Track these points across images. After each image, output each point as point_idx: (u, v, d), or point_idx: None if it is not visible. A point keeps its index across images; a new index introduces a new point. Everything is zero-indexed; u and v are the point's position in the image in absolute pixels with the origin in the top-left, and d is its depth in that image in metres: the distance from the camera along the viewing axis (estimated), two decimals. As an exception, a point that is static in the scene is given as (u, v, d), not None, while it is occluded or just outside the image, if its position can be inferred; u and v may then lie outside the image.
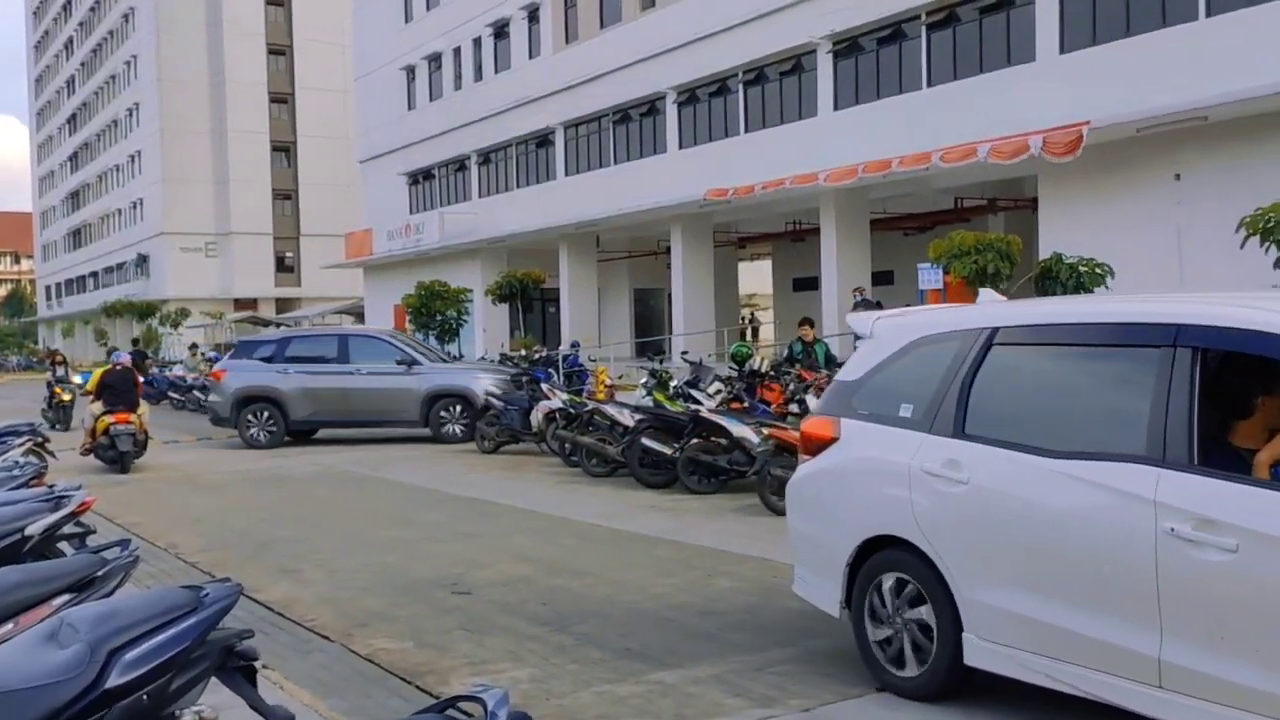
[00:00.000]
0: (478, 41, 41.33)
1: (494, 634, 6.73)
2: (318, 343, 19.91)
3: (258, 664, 3.87)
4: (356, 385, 18.45)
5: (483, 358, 26.09)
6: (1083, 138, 19.48)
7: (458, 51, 42.65)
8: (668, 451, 12.34)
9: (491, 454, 16.60)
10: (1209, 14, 19.14)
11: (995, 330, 5.18)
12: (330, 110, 68.07)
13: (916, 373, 5.46)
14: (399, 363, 18.61)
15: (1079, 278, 15.91)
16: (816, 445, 5.87)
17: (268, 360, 18.79)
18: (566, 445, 14.39)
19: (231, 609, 3.69)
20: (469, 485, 13.52)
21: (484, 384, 17.88)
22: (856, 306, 24.36)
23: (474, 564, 8.79)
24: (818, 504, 5.86)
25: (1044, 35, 21.75)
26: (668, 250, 33.36)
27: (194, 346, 39.08)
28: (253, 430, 18.45)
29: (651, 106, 32.78)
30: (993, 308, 5.63)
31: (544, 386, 15.97)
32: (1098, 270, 15.98)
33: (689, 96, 31.36)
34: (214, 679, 3.69)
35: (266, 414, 18.46)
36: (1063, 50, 21.47)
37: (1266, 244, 13.58)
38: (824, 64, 26.75)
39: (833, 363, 14.77)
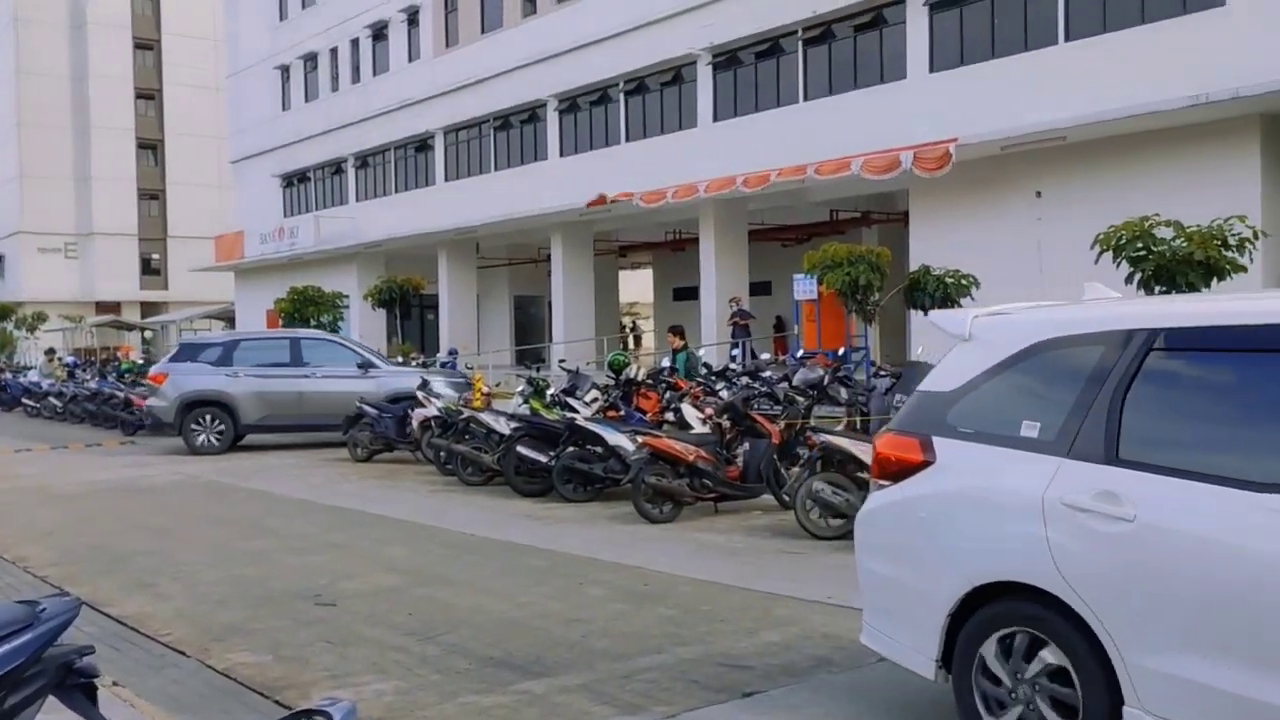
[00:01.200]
0: (355, 43, 40.65)
1: (358, 646, 6.58)
2: (270, 345, 19.55)
3: (101, 681, 3.69)
4: (313, 389, 18.06)
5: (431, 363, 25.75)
6: (951, 154, 20.14)
7: (334, 52, 41.88)
8: (543, 460, 12.28)
9: (365, 462, 16.29)
10: (1068, 39, 19.97)
11: (1154, 333, 4.19)
12: (201, 108, 66.02)
13: (1042, 383, 4.54)
14: (358, 366, 18.39)
15: (946, 289, 16.40)
16: (900, 470, 4.88)
17: (216, 363, 18.32)
18: (442, 453, 14.20)
19: (70, 624, 3.51)
20: (340, 495, 13.22)
21: (440, 387, 17.69)
22: (733, 317, 24.74)
23: (340, 575, 8.59)
24: (904, 541, 4.84)
25: (914, 54, 22.40)
26: (548, 258, 33.28)
27: (50, 351, 37.40)
28: (200, 436, 17.89)
29: (533, 113, 32.69)
30: (1147, 305, 4.71)
31: (419, 394, 15.74)
32: (964, 282, 16.50)
33: (570, 104, 31.37)
34: (52, 697, 3.51)
35: (215, 418, 17.97)
36: (932, 69, 22.14)
37: (1118, 259, 14.17)
38: (704, 76, 27.06)
39: (693, 374, 14.85)
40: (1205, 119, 17.96)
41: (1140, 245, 13.96)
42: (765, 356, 17.84)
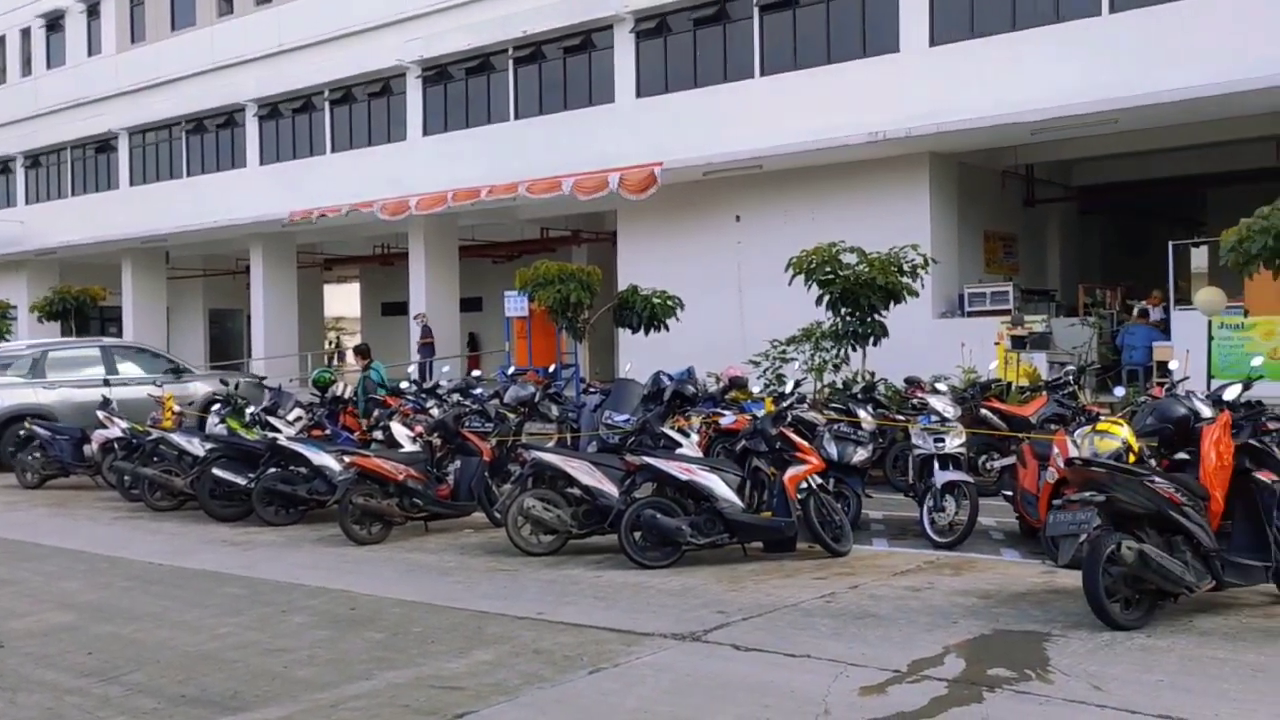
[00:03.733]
0: (26, 32, 37.28)
1: (29, 691, 5.95)
2: (79, 353, 18.24)
3: None
4: (131, 396, 16.47)
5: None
6: (656, 177, 20.83)
7: (2, 41, 38.23)
8: (242, 482, 11.65)
9: (36, 489, 14.85)
10: (764, 74, 21.13)
11: None
12: None
13: None
14: (168, 371, 17.84)
15: (653, 309, 16.88)
16: None
17: (26, 375, 17.03)
18: (126, 478, 13.16)
19: None
20: (6, 525, 11.97)
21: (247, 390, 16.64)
22: (424, 334, 24.66)
23: (7, 614, 7.76)
24: None
25: (621, 79, 23.02)
26: (247, 269, 31.72)
27: None
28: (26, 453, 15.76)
29: (230, 118, 31.04)
30: None
31: (100, 414, 14.53)
32: (669, 303, 17.04)
33: (271, 111, 30.04)
34: None
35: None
36: (639, 94, 22.82)
37: (809, 282, 15.11)
38: (413, 89, 26.65)
39: (371, 391, 14.48)
40: (883, 154, 19.51)
41: (829, 269, 14.98)
42: (476, 374, 17.72)
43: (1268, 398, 9.48)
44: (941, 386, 11.46)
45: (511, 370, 17.28)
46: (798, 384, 11.55)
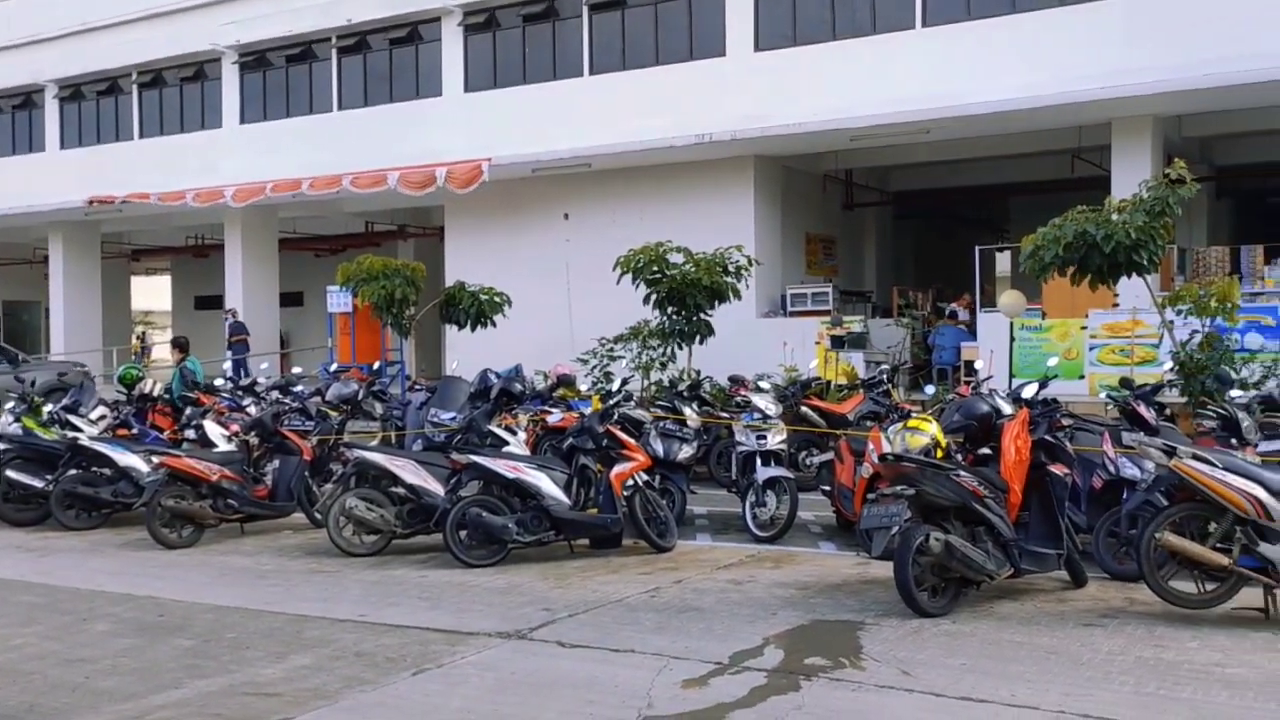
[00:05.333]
0: None
1: None
2: None
3: None
4: None
5: None
6: (483, 173, 20.63)
7: None
8: (39, 484, 10.97)
9: None
10: (593, 72, 21.20)
11: None
12: None
13: None
14: (7, 360, 17.15)
15: (480, 306, 16.73)
16: None
17: None
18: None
19: None
20: None
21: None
22: (238, 332, 23.76)
23: None
24: None
25: (450, 73, 22.70)
26: (46, 259, 29.88)
27: None
28: None
29: (27, 98, 29.15)
30: None
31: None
32: (497, 299, 16.92)
33: (73, 92, 28.34)
34: None
35: None
36: (467, 89, 22.55)
37: (637, 281, 15.26)
38: (229, 74, 25.61)
39: (186, 388, 13.94)
40: (710, 156, 19.86)
41: (656, 269, 15.17)
42: (297, 370, 17.17)
43: (1062, 395, 10.11)
44: (764, 385, 11.76)
45: (334, 367, 16.81)
46: (625, 382, 11.65)
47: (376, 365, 17.20)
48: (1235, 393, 10.34)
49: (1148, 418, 8.67)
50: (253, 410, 12.39)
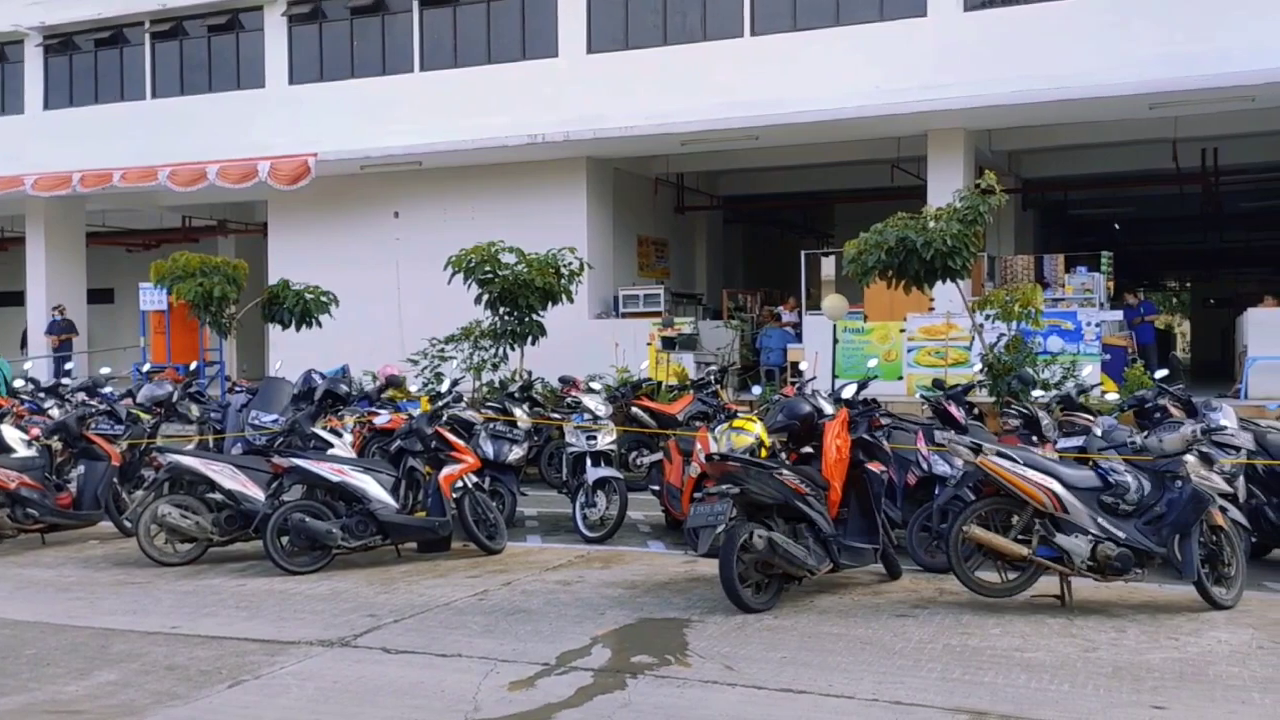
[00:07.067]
0: None
1: None
2: None
3: None
4: None
5: None
6: (309, 168, 20.05)
7: None
8: None
9: None
10: (423, 69, 20.87)
11: None
12: None
13: None
14: None
15: (306, 305, 16.23)
16: None
17: None
18: None
19: None
20: None
21: None
22: (53, 325, 22.59)
23: None
24: None
25: (273, 64, 21.97)
26: None
27: None
28: None
29: None
30: None
31: None
32: (323, 299, 16.44)
33: None
34: None
35: None
36: (292, 82, 21.88)
37: (469, 281, 15.10)
38: (32, 57, 24.15)
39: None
40: (543, 157, 19.82)
41: (488, 269, 15.04)
42: (106, 371, 16.32)
43: (882, 395, 10.50)
44: (595, 385, 11.83)
45: (147, 367, 16.07)
46: (455, 383, 11.52)
47: (193, 366, 16.48)
48: (1037, 393, 10.97)
49: (958, 417, 9.11)
50: (56, 413, 11.72)
